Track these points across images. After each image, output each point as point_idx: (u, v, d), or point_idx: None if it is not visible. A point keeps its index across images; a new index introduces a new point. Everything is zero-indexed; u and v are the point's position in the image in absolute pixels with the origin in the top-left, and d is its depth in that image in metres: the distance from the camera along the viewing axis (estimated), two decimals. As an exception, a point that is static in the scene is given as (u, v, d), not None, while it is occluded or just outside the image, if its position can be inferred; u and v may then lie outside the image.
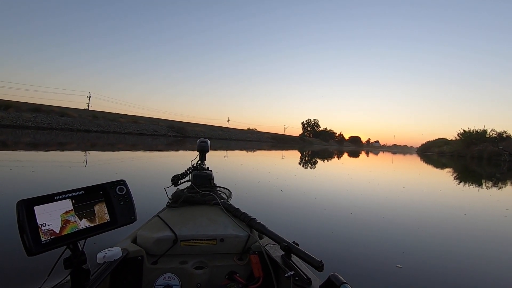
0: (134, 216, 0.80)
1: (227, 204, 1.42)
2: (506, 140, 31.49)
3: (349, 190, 5.39)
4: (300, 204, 3.80)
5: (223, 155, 12.96)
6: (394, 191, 5.61)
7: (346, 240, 2.47)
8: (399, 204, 4.33)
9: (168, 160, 9.09)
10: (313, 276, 0.89)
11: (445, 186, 7.47)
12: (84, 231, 0.69)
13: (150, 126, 37.58)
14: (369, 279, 1.76)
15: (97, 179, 4.42)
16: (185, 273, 1.03)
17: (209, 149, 1.87)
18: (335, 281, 0.71)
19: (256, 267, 1.03)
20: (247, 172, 6.75)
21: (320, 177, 7.24)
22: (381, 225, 3.07)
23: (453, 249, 2.43)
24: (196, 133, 44.22)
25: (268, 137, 69.34)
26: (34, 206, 0.62)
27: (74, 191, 0.70)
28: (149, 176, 5.19)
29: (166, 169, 6.37)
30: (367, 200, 4.41)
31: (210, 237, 1.15)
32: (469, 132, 37.01)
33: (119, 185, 0.80)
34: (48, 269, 0.71)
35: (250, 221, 1.24)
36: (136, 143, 16.99)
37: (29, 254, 0.59)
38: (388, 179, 7.94)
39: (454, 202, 4.84)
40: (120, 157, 8.61)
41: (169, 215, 1.30)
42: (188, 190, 1.58)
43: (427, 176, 10.29)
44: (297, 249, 0.97)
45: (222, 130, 60.18)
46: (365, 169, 11.43)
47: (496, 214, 4.13)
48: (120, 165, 6.44)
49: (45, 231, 0.62)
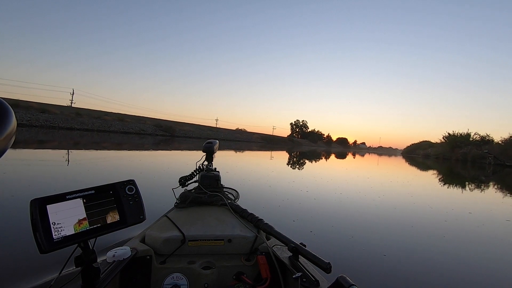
0: (143, 215, 0.80)
1: (235, 204, 1.43)
2: (488, 143, 32.44)
3: (357, 192, 5.36)
4: (307, 204, 3.74)
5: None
6: (399, 194, 5.52)
7: (354, 242, 2.48)
8: (406, 207, 4.27)
9: (174, 161, 9.04)
10: (321, 278, 0.88)
11: (447, 190, 7.39)
12: (95, 230, 0.69)
13: (136, 124, 36.57)
14: (378, 281, 1.76)
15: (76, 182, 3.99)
16: (193, 273, 1.03)
17: (216, 150, 1.87)
18: (343, 283, 0.69)
19: (263, 268, 1.02)
20: (248, 173, 6.49)
21: (323, 178, 7.01)
22: (390, 227, 3.05)
23: (472, 254, 2.46)
24: (184, 133, 43.49)
25: (258, 137, 69.23)
26: (47, 205, 0.63)
27: (85, 191, 0.70)
28: (157, 177, 5.15)
29: (172, 169, 6.39)
30: (376, 202, 4.37)
31: (218, 237, 1.15)
32: (453, 135, 37.99)
33: (128, 185, 0.80)
34: (59, 266, 0.71)
35: (258, 222, 1.24)
36: (122, 142, 16.30)
37: (41, 251, 0.60)
38: (389, 182, 7.79)
39: (457, 207, 4.73)
40: (106, 156, 8.11)
41: (177, 215, 1.32)
42: (196, 191, 1.59)
43: (428, 181, 10.23)
44: (304, 250, 0.95)
45: (211, 130, 59.62)
46: (364, 171, 11.36)
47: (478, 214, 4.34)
48: (117, 166, 6.02)
49: (57, 229, 0.63)
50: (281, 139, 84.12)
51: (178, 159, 9.46)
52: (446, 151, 36.12)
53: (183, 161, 8.93)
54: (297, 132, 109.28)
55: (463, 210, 4.67)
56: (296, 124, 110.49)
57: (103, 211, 0.73)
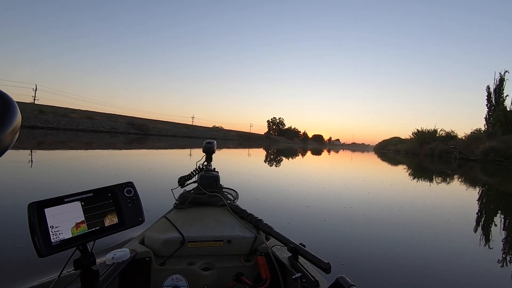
0: (142, 217, 0.80)
1: (234, 205, 1.42)
2: (453, 139, 34.46)
3: (355, 191, 5.34)
4: (306, 206, 3.69)
5: (187, 154, 12.22)
6: (396, 194, 5.57)
7: (354, 242, 2.47)
8: (407, 207, 4.25)
9: (174, 161, 8.95)
10: (320, 278, 0.88)
11: (437, 189, 7.68)
12: (93, 232, 0.69)
13: (107, 122, 34.83)
14: (378, 281, 1.76)
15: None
16: (193, 274, 1.03)
17: (215, 150, 1.87)
18: (343, 283, 0.69)
19: (263, 268, 1.02)
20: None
21: (312, 177, 7.00)
22: (390, 226, 3.04)
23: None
24: (158, 131, 42.16)
25: (235, 135, 68.88)
26: (45, 208, 0.63)
27: (83, 193, 0.70)
28: (156, 177, 5.11)
29: (172, 170, 6.34)
30: (376, 201, 4.35)
31: (217, 238, 1.14)
32: (422, 132, 39.74)
33: (127, 187, 0.80)
34: (58, 269, 0.73)
35: (257, 223, 1.23)
36: (90, 141, 15.44)
37: (39, 255, 0.60)
38: (384, 180, 7.95)
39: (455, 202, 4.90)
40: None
41: (176, 216, 1.31)
42: (195, 191, 1.59)
43: (410, 176, 10.59)
44: (304, 250, 0.95)
45: (187, 127, 58.37)
46: (353, 169, 11.56)
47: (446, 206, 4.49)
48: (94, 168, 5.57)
49: (55, 233, 0.63)
50: (258, 136, 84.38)
51: (183, 160, 9.08)
52: (415, 147, 37.98)
53: (190, 162, 8.58)
54: (274, 129, 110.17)
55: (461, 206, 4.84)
56: (273, 122, 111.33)
57: (102, 214, 0.72)
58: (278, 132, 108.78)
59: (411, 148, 39.46)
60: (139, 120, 44.91)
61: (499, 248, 2.67)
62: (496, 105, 31.01)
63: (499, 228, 3.47)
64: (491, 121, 30.91)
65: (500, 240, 2.91)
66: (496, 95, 31.36)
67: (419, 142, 37.56)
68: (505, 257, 2.42)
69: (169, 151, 13.71)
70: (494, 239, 2.93)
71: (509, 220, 3.94)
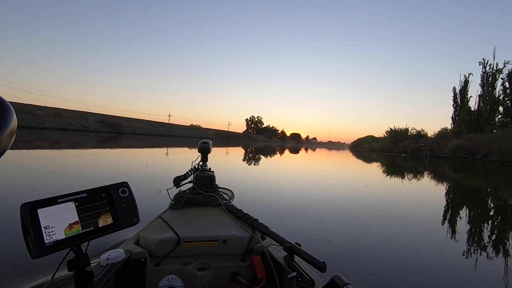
0: (137, 218, 0.79)
1: (230, 205, 1.42)
2: (423, 137, 36.28)
3: (349, 190, 5.32)
4: (302, 204, 3.74)
5: (163, 153, 11.74)
6: (391, 192, 5.55)
7: (349, 240, 2.50)
8: (400, 203, 4.36)
9: (170, 161, 8.79)
10: (316, 277, 0.88)
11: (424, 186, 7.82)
12: (88, 233, 0.69)
13: (77, 120, 32.96)
14: (373, 280, 1.77)
15: None
16: (188, 274, 1.02)
17: (210, 150, 1.87)
18: (338, 282, 0.70)
19: (259, 268, 1.02)
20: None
21: (302, 176, 6.87)
22: (385, 224, 3.08)
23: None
24: (133, 129, 40.63)
25: (213, 133, 68.07)
26: (38, 209, 0.62)
27: (77, 194, 0.70)
28: (151, 177, 5.06)
29: (168, 170, 6.25)
30: (370, 200, 4.40)
31: (213, 238, 1.14)
32: (395, 130, 41.66)
33: (121, 187, 0.79)
34: (51, 270, 0.70)
35: (253, 222, 1.23)
36: (58, 140, 14.42)
37: (33, 257, 0.60)
38: (379, 180, 7.97)
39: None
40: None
41: (171, 216, 1.31)
42: (190, 191, 1.59)
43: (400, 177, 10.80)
44: (300, 250, 0.95)
45: (163, 126, 56.87)
46: (346, 167, 11.57)
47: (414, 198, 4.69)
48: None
49: (48, 233, 0.62)
50: (237, 135, 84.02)
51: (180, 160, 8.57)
52: (388, 145, 39.57)
53: (186, 162, 8.10)
54: (253, 128, 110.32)
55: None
56: (251, 120, 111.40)
57: (96, 214, 0.71)
58: (256, 131, 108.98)
59: (384, 146, 40.99)
60: (113, 118, 43.01)
61: (464, 241, 2.79)
62: (461, 105, 32.92)
63: (465, 222, 3.62)
64: (457, 121, 32.78)
65: (465, 232, 3.06)
66: (461, 96, 33.30)
67: (393, 141, 39.13)
68: (469, 249, 2.55)
69: (141, 150, 13.11)
70: (459, 231, 3.07)
71: (473, 213, 4.21)
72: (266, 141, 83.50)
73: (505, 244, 2.78)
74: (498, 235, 3.09)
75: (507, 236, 3.10)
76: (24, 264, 1.60)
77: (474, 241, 2.80)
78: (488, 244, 2.73)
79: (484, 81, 30.57)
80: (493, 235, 3.09)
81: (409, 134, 38.80)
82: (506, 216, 4.18)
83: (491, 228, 3.43)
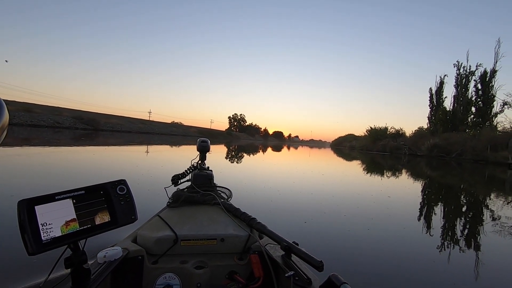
0: (135, 216, 0.79)
1: (228, 204, 1.42)
2: (401, 136, 37.60)
3: (346, 189, 5.34)
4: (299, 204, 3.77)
5: (143, 151, 11.22)
6: (386, 191, 5.56)
7: (346, 240, 2.50)
8: (395, 203, 4.42)
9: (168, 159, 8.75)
10: (313, 276, 0.88)
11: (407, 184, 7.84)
12: (85, 230, 0.69)
13: (49, 116, 31.16)
14: (370, 279, 1.78)
15: None
16: (186, 273, 1.02)
17: (209, 148, 1.87)
18: (335, 281, 0.70)
19: (256, 267, 1.02)
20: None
21: (299, 176, 6.66)
22: (381, 223, 3.10)
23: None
24: (111, 126, 39.07)
25: (195, 131, 66.93)
26: (35, 206, 0.62)
27: (74, 191, 0.69)
28: (149, 175, 5.04)
29: (166, 168, 6.19)
30: (366, 200, 4.44)
31: (211, 236, 1.14)
32: (375, 129, 42.90)
33: (119, 185, 0.79)
34: (48, 268, 0.70)
35: (250, 221, 1.23)
36: (29, 137, 13.45)
37: (30, 253, 0.60)
38: (370, 179, 7.89)
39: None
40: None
41: (169, 214, 1.31)
42: (189, 190, 1.59)
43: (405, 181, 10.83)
44: (297, 249, 0.95)
45: (143, 123, 55.18)
46: (340, 167, 11.55)
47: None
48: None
49: (46, 230, 0.62)
50: (219, 132, 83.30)
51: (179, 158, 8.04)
52: (369, 143, 40.62)
53: (185, 160, 7.60)
54: (235, 125, 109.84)
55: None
56: (234, 118, 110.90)
57: (94, 211, 0.71)
58: (239, 129, 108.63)
59: (365, 144, 41.98)
60: (88, 114, 41.13)
61: (438, 235, 2.92)
62: (437, 106, 34.25)
63: (440, 217, 3.76)
64: (433, 120, 34.07)
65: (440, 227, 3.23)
66: (437, 97, 34.65)
67: (373, 139, 40.12)
68: (443, 243, 2.66)
69: (116, 148, 12.48)
70: (434, 227, 3.21)
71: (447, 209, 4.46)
72: (249, 139, 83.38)
73: (477, 238, 2.94)
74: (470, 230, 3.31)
75: (478, 231, 3.25)
76: (21, 261, 1.58)
77: (448, 236, 2.92)
78: (461, 238, 2.87)
79: (458, 83, 31.97)
80: (466, 230, 3.28)
81: (388, 133, 39.96)
82: (477, 212, 4.40)
83: (464, 223, 3.62)
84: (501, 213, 4.21)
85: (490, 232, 3.08)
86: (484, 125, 27.91)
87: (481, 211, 4.47)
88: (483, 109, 28.97)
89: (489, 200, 5.67)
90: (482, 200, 5.61)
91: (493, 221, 3.66)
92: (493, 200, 5.68)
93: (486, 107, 28.73)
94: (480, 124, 28.75)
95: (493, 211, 4.38)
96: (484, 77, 29.20)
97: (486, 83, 28.89)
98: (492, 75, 28.75)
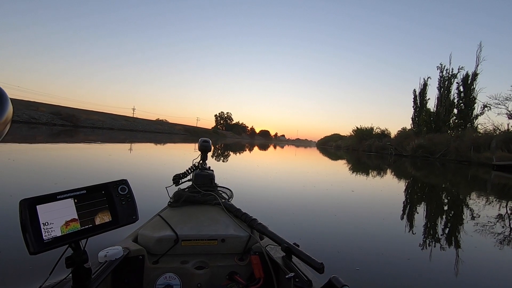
0: (136, 216, 0.79)
1: (228, 204, 1.43)
2: (387, 136, 38.32)
3: (347, 191, 5.27)
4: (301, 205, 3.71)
5: (126, 149, 10.56)
6: (392, 195, 5.52)
7: (348, 242, 2.47)
8: (400, 205, 4.41)
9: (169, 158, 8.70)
10: (313, 278, 0.88)
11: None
12: (86, 230, 0.69)
13: (24, 111, 29.44)
14: (371, 282, 1.74)
15: None
16: (186, 273, 1.02)
17: (211, 148, 1.85)
18: (336, 283, 0.70)
19: (256, 267, 1.02)
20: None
21: (294, 177, 6.27)
22: (385, 226, 3.07)
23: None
24: (92, 122, 37.54)
25: (180, 129, 65.64)
26: (37, 205, 0.63)
27: (76, 191, 0.69)
28: (150, 174, 5.04)
29: (167, 167, 6.18)
30: (370, 201, 4.45)
31: (211, 237, 1.13)
32: (361, 129, 43.51)
33: (121, 185, 0.79)
34: (49, 267, 0.71)
35: (251, 222, 1.22)
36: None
37: (31, 253, 0.60)
38: (372, 182, 7.60)
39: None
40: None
41: (170, 214, 1.31)
42: (190, 190, 1.59)
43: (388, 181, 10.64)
44: (298, 250, 0.95)
45: (127, 120, 53.50)
46: (339, 167, 11.27)
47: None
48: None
49: (47, 230, 0.63)
50: (205, 131, 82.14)
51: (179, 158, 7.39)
52: (354, 143, 41.09)
53: (186, 160, 6.97)
54: (222, 124, 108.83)
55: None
56: (220, 116, 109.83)
57: (95, 211, 0.71)
58: (226, 127, 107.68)
59: (351, 144, 42.42)
60: (67, 109, 39.34)
61: (420, 232, 2.93)
62: (421, 107, 34.95)
63: (423, 216, 3.77)
64: (417, 121, 34.75)
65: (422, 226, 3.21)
66: (420, 98, 35.35)
67: (358, 139, 40.57)
68: (425, 241, 2.67)
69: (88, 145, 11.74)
70: (417, 225, 3.20)
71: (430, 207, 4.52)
72: (235, 138, 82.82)
73: (457, 236, 2.97)
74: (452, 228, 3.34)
75: (459, 229, 3.29)
76: (22, 261, 1.57)
77: (430, 234, 2.93)
78: (442, 237, 2.88)
79: (441, 85, 32.68)
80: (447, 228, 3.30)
81: (374, 133, 40.51)
82: (458, 211, 4.49)
83: (445, 221, 3.66)
84: (483, 212, 4.20)
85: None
86: (466, 126, 28.65)
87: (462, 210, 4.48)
88: (465, 111, 29.72)
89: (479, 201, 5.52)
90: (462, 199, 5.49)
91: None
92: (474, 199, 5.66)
93: (468, 109, 29.49)
94: (461, 125, 29.51)
95: (472, 210, 4.40)
96: (466, 79, 29.96)
97: (468, 85, 29.66)
98: (473, 78, 29.52)
